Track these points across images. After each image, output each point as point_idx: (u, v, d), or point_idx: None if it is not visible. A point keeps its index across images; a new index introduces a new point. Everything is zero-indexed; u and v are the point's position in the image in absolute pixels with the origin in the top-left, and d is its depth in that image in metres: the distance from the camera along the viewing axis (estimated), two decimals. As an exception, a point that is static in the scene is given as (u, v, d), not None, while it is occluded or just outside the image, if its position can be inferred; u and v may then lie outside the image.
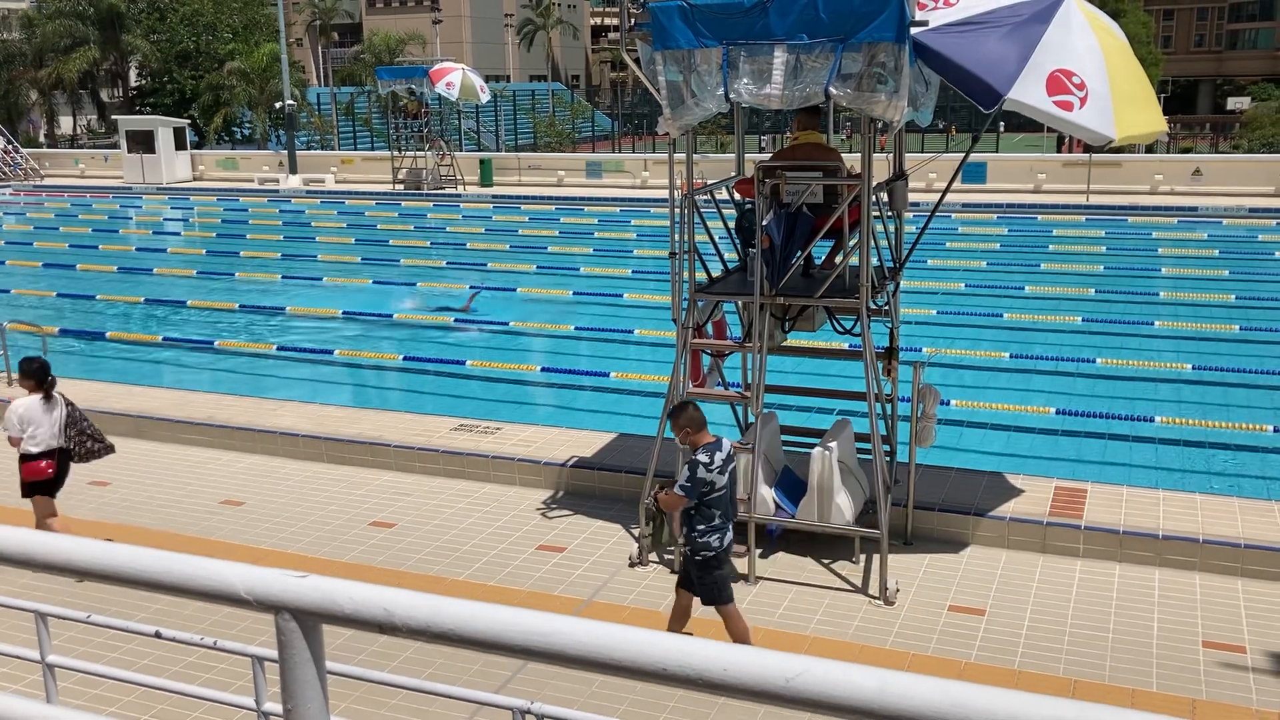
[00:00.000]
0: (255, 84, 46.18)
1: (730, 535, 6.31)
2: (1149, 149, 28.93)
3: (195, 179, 36.84)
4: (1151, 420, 11.16)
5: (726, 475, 6.19)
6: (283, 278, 20.80)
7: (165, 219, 31.86)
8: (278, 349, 15.55)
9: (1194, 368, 13.02)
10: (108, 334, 16.56)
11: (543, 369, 14.29)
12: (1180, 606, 6.97)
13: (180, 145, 36.70)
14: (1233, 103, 56.62)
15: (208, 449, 10.40)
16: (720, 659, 1.29)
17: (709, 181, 8.28)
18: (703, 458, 6.12)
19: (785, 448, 8.44)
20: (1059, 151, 35.83)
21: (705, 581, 6.23)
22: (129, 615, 6.26)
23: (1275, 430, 10.90)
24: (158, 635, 4.49)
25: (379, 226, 27.39)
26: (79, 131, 55.18)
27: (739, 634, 6.38)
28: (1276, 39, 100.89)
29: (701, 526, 6.16)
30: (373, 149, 45.04)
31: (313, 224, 28.28)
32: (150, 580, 1.72)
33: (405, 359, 14.84)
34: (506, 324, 16.32)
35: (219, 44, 48.23)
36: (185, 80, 47.56)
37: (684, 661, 1.30)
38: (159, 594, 1.73)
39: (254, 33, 49.23)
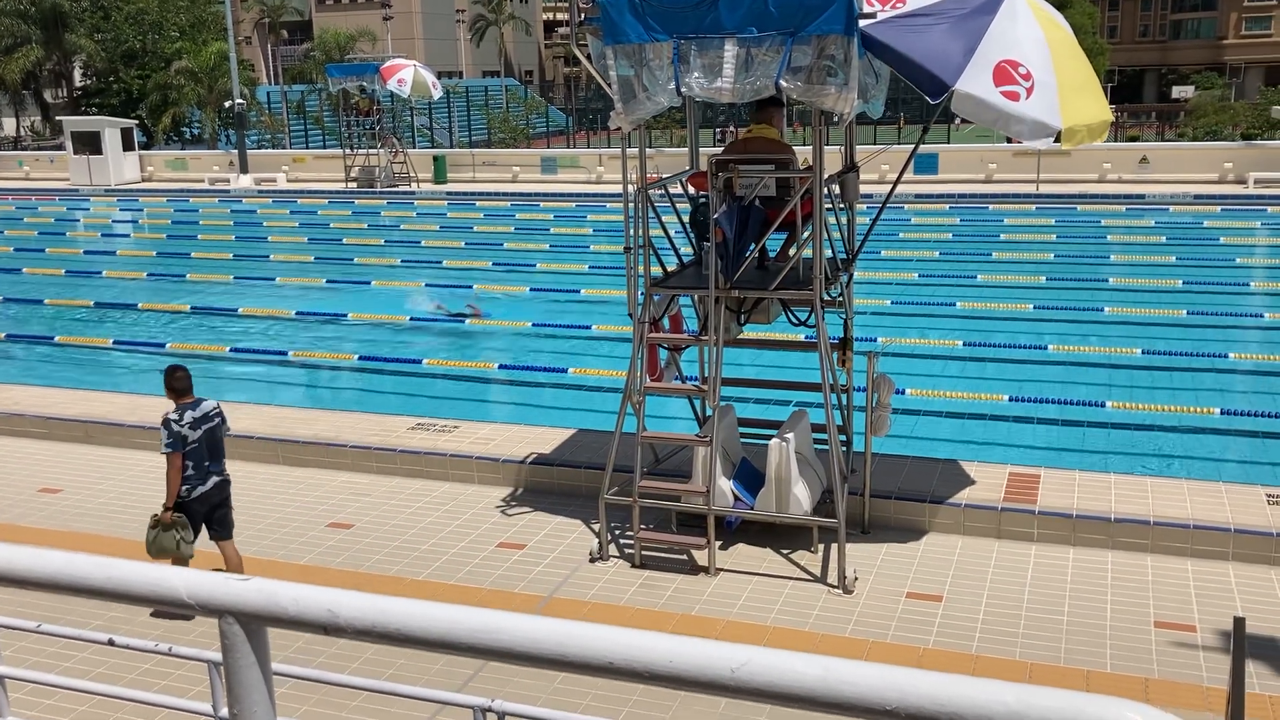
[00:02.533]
0: (204, 83, 45.56)
1: (204, 488, 7.05)
2: (1097, 137, 29.28)
3: (144, 180, 36.29)
4: (1102, 405, 11.34)
5: (200, 431, 7.00)
6: (235, 278, 20.56)
7: (114, 221, 31.36)
8: (231, 350, 15.38)
9: (1143, 352, 13.23)
10: (57, 338, 16.29)
11: (500, 366, 14.24)
12: (1132, 588, 7.09)
13: (128, 146, 36.11)
14: (1177, 91, 57.55)
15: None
16: (666, 652, 1.30)
17: (663, 176, 8.29)
18: (174, 415, 6.95)
19: (743, 439, 8.48)
20: (1009, 142, 36.25)
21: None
22: (83, 624, 6.17)
23: (1222, 413, 11.12)
24: (111, 643, 4.43)
25: (332, 225, 27.15)
26: (22, 133, 54.13)
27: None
28: (1218, 29, 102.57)
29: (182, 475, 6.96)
30: (325, 147, 44.57)
31: (265, 224, 27.98)
32: (91, 587, 1.69)
33: (361, 359, 14.74)
34: (463, 321, 16.25)
35: (166, 43, 47.49)
36: (132, 80, 46.79)
37: (630, 655, 1.30)
38: (101, 600, 1.71)
39: (201, 31, 48.51)
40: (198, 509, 7.06)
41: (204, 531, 7.21)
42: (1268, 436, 10.81)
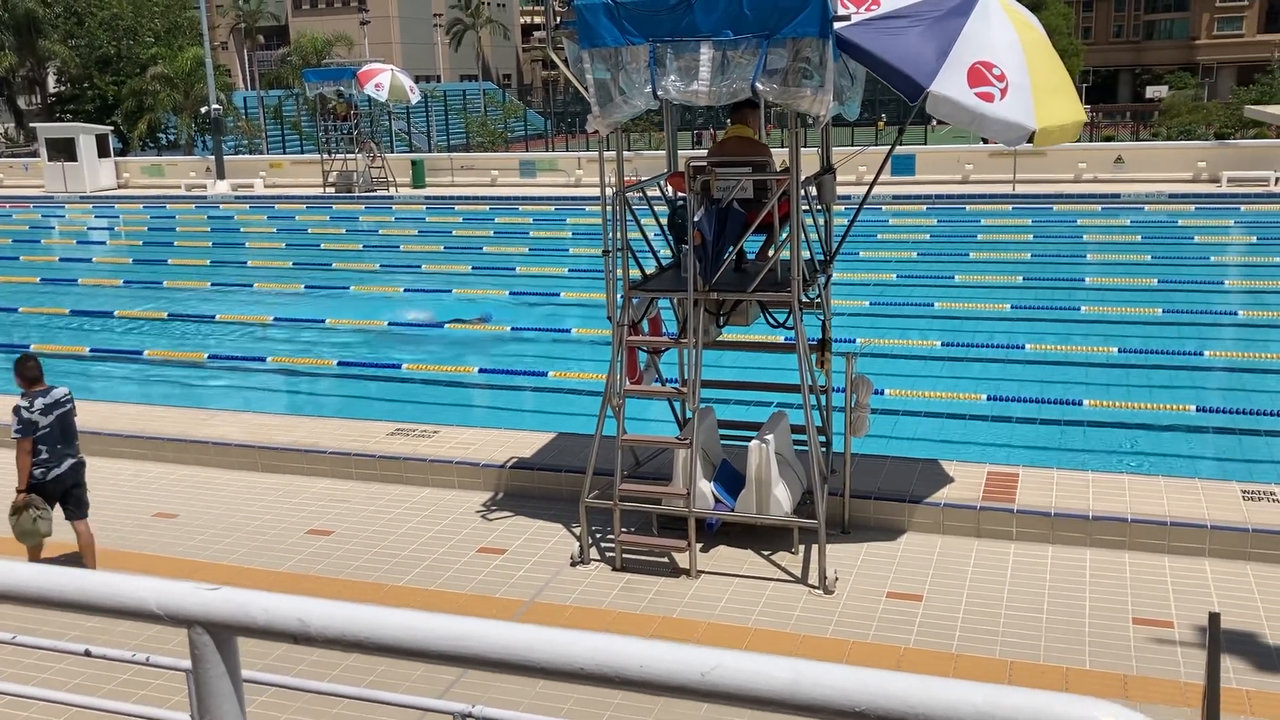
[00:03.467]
0: (180, 89, 45.32)
1: (59, 470, 7.46)
2: (1072, 137, 29.51)
3: (120, 186, 36.05)
4: (1079, 404, 11.41)
5: (51, 417, 7.39)
6: (212, 285, 20.45)
7: (89, 228, 31.14)
8: (209, 357, 15.30)
9: (1119, 350, 13.32)
10: (31, 346, 16.15)
11: (480, 370, 14.22)
12: (1111, 585, 7.13)
13: (103, 152, 35.85)
14: (1151, 91, 58.07)
15: (139, 461, 10.20)
16: (636, 657, 1.30)
17: (641, 179, 8.30)
18: (24, 402, 7.34)
19: (723, 441, 8.49)
20: (985, 143, 36.46)
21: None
22: (60, 634, 6.12)
23: (1198, 410, 11.21)
24: (87, 654, 4.39)
25: (310, 231, 27.04)
26: (-5, 140, 53.71)
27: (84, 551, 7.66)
28: (1190, 29, 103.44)
29: (35, 459, 7.35)
30: (302, 152, 44.43)
31: (242, 230, 27.87)
32: (59, 599, 1.68)
33: (339, 364, 14.68)
34: (442, 325, 16.21)
35: (141, 49, 47.18)
36: (106, 86, 46.47)
37: (600, 661, 1.30)
38: (70, 613, 1.69)
39: (177, 37, 48.24)
40: (53, 490, 7.52)
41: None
42: (1243, 433, 10.91)
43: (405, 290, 18.94)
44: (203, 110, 38.16)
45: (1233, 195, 24.63)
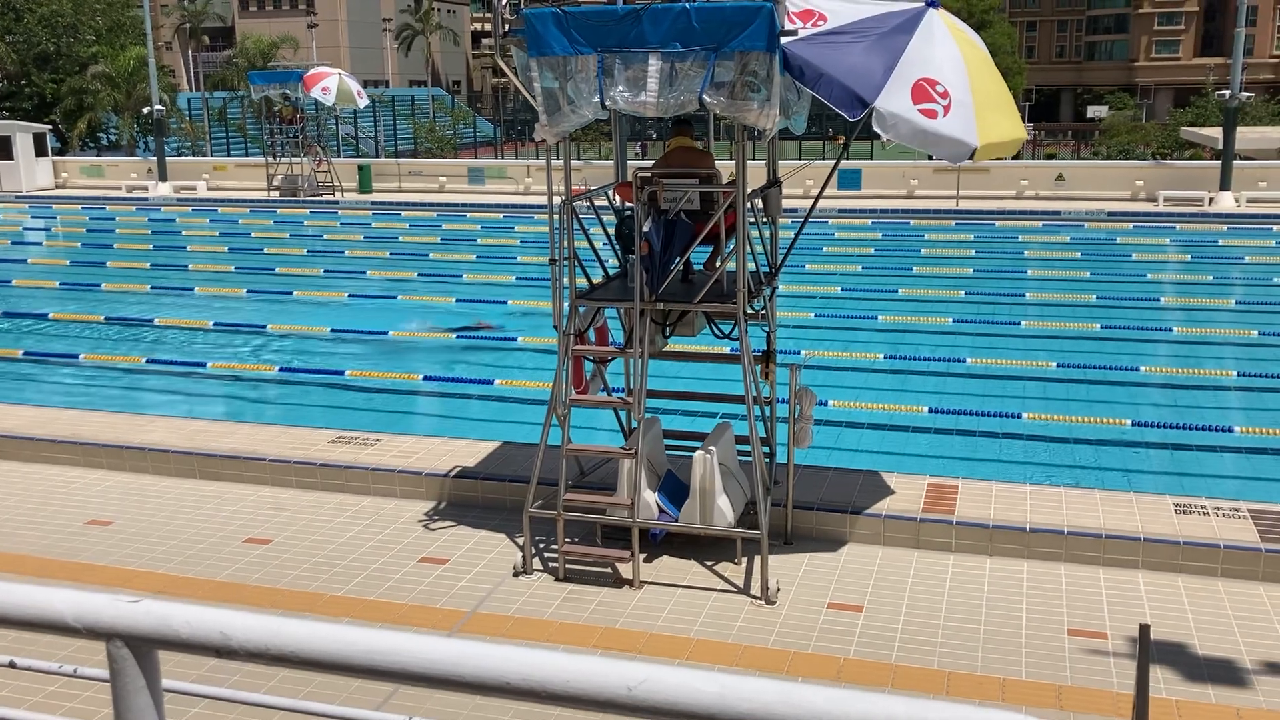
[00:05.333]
0: (121, 88, 44.59)
1: None
2: (1016, 155, 30.06)
3: (57, 186, 35.35)
4: (1019, 417, 11.58)
5: None
6: (152, 288, 20.11)
7: (25, 229, 30.49)
8: (147, 361, 15.03)
9: (1058, 365, 13.55)
10: (-38, 349, 15.77)
11: (425, 378, 14.11)
12: (1047, 596, 7.23)
13: (41, 151, 35.17)
14: (1092, 111, 59.31)
15: (72, 468, 9.98)
16: (563, 670, 1.29)
17: (589, 188, 8.30)
18: None
19: (668, 452, 8.50)
20: (930, 159, 37.01)
21: None
22: (-15, 645, 5.96)
23: (1133, 424, 11.43)
24: (12, 665, 4.28)
25: (253, 235, 26.70)
26: (-71, 137, 52.36)
27: None
28: (1130, 51, 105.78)
29: None
30: (247, 155, 43.92)
31: (184, 233, 27.45)
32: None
33: (281, 370, 14.50)
34: (386, 333, 16.08)
35: (81, 46, 46.35)
36: (45, 84, 45.56)
37: (526, 675, 1.29)
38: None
39: (119, 35, 47.47)
40: None
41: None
42: (1176, 448, 11.14)
43: (350, 296, 18.78)
44: (145, 111, 37.53)
45: (1169, 214, 25.21)
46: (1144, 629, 3.75)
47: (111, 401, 13.11)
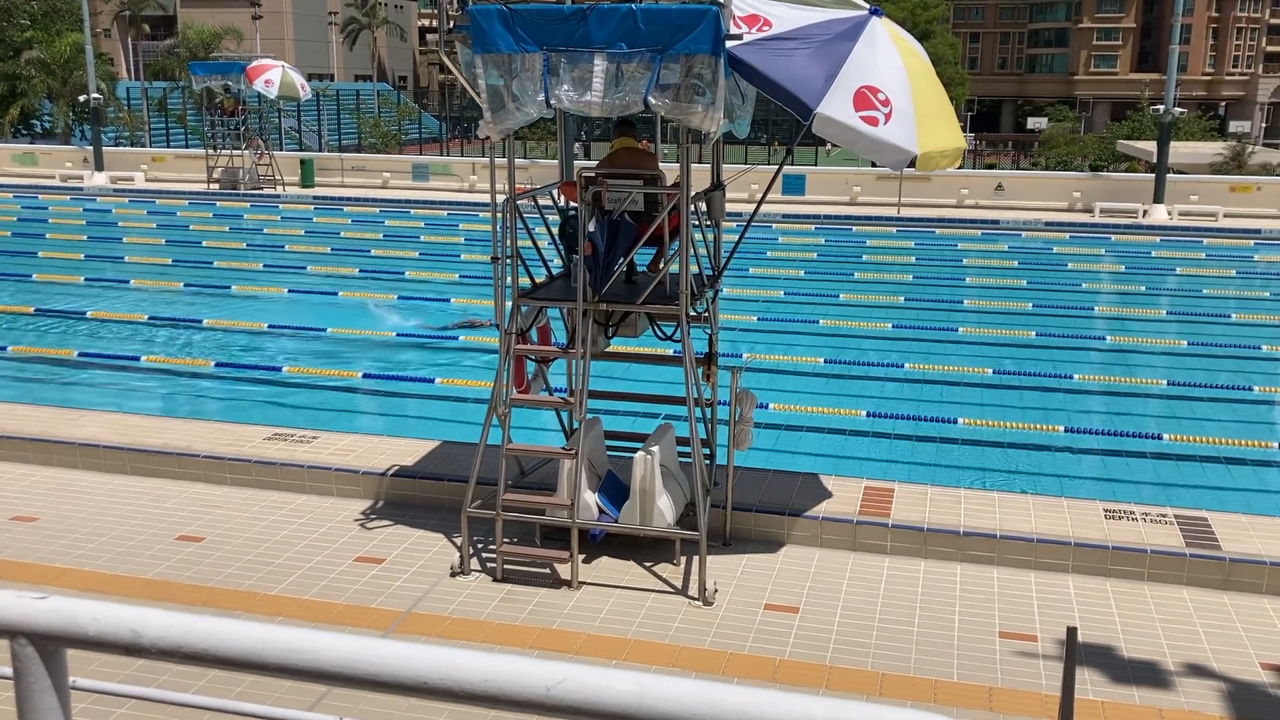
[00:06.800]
0: (57, 75, 43.59)
1: None
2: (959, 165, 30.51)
3: (-12, 174, 34.48)
4: (955, 422, 11.74)
5: None
6: (86, 280, 19.69)
7: (-47, 216, 29.69)
8: (79, 355, 14.71)
9: (994, 372, 13.75)
10: (-116, 339, 15.32)
11: (364, 375, 13.97)
12: (979, 599, 7.34)
13: (-30, 137, 34.27)
14: (1032, 122, 60.33)
15: (-3, 462, 9.74)
16: (481, 670, 1.28)
17: (534, 186, 8.27)
18: None
19: (610, 452, 8.50)
20: (873, 166, 37.41)
21: None
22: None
23: (1066, 431, 11.64)
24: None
25: (192, 227, 26.25)
26: None
27: None
28: (1070, 64, 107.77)
29: None
30: (187, 147, 43.19)
31: (120, 224, 26.89)
32: None
33: (217, 365, 14.27)
34: (324, 330, 15.89)
35: (15, 31, 45.21)
36: (-24, 68, 44.45)
37: (444, 675, 1.28)
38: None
39: (55, 21, 46.37)
40: None
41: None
42: (1107, 454, 11.36)
43: (289, 291, 18.53)
44: (81, 99, 36.74)
45: (1104, 225, 25.71)
46: (1071, 632, 3.82)
47: (41, 394, 12.81)
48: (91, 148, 33.53)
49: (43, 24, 45.77)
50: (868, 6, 7.34)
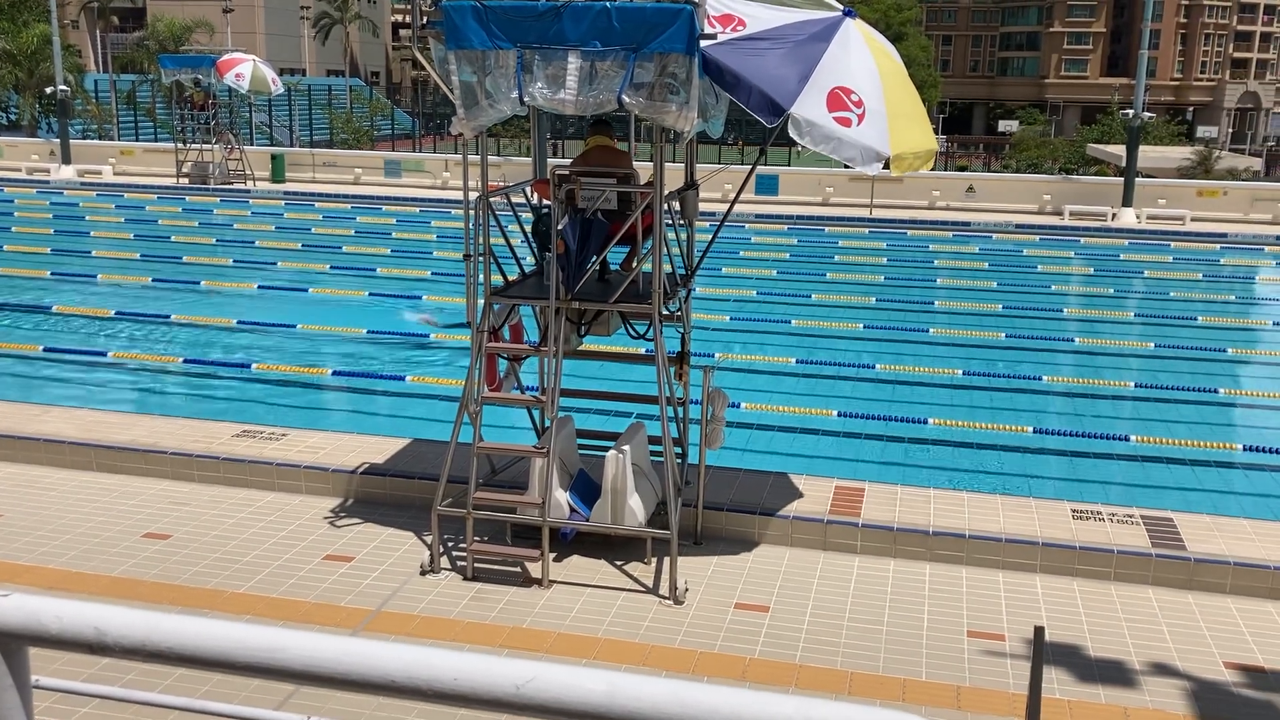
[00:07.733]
0: (23, 67, 43.05)
1: None
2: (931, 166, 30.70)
3: (-48, 166, 34.00)
4: (925, 422, 11.80)
5: None
6: (52, 274, 19.45)
7: (-84, 209, 29.27)
8: (44, 350, 14.53)
9: (964, 373, 13.83)
10: None
11: (334, 372, 13.88)
12: (948, 598, 7.39)
13: (-66, 129, 33.79)
14: (1003, 125, 60.80)
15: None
16: (449, 668, 1.28)
17: (506, 184, 8.24)
18: None
19: (581, 451, 8.48)
20: (846, 167, 37.44)
21: None
22: None
23: (1034, 431, 11.73)
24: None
25: (160, 222, 25.99)
26: None
27: None
28: (1041, 68, 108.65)
29: None
30: (156, 140, 42.78)
31: (87, 218, 26.60)
32: None
33: (185, 361, 14.14)
34: (295, 326, 15.77)
35: (-20, 21, 44.66)
36: (-60, 59, 43.81)
37: (412, 673, 1.27)
38: None
39: (22, 11, 45.78)
40: None
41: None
42: (1074, 455, 11.45)
43: (259, 287, 18.39)
44: (48, 91, 36.30)
45: (1074, 228, 25.94)
46: (1039, 631, 3.85)
47: (6, 390, 12.65)
48: (59, 140, 33.14)
49: (9, 14, 45.17)
50: (841, 8, 7.36)
